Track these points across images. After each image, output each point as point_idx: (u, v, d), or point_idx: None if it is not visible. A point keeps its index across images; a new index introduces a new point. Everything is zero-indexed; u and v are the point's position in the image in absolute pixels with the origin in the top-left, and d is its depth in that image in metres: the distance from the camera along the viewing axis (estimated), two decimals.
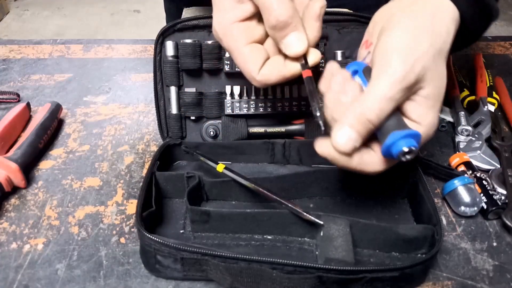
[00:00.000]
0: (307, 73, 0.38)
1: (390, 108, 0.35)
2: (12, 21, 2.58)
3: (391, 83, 0.34)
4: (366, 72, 0.38)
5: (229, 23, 0.38)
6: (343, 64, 0.51)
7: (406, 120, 0.37)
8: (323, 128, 0.37)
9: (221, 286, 0.41)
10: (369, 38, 0.40)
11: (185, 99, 0.52)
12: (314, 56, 0.39)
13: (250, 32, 0.39)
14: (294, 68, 0.39)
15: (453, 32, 0.37)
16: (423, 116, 0.36)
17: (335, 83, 0.38)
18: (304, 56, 0.38)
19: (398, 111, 0.36)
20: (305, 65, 0.38)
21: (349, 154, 0.36)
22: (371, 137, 0.37)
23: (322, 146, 0.37)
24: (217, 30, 0.39)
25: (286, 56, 0.39)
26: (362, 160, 0.37)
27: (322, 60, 0.51)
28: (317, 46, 0.51)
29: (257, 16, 0.39)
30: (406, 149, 0.34)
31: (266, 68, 0.39)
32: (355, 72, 0.39)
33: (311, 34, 0.38)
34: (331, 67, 0.39)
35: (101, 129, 0.59)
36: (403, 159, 0.35)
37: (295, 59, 0.38)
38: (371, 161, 0.37)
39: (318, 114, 0.37)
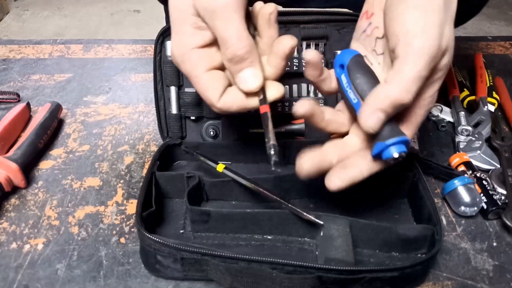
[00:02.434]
0: (264, 109, 0.38)
1: (419, 86, 0.33)
2: (12, 21, 2.58)
3: (422, 62, 0.32)
4: (355, 65, 0.37)
5: (188, 49, 0.37)
6: None
7: None
8: (273, 168, 0.36)
9: (221, 286, 0.41)
10: (369, 9, 0.39)
11: (185, 99, 0.52)
12: (275, 91, 0.38)
13: (210, 59, 0.38)
14: (255, 101, 0.38)
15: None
16: (428, 89, 0.35)
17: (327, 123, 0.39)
18: (263, 91, 0.38)
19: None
20: (263, 100, 0.38)
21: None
22: None
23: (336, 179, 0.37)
24: (176, 55, 0.38)
25: None
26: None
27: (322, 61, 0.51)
28: (317, 46, 0.52)
29: (217, 43, 0.38)
30: (396, 155, 0.34)
31: (228, 96, 0.38)
32: (341, 67, 0.38)
33: (274, 71, 0.38)
34: (313, 58, 0.37)
35: (101, 129, 0.59)
36: (392, 162, 0.35)
37: (253, 93, 0.38)
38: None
39: (272, 152, 0.36)
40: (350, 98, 0.38)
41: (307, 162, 0.37)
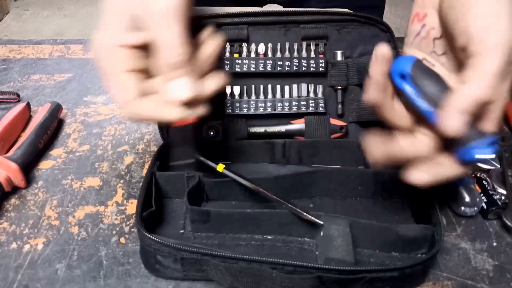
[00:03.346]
0: (188, 121, 0.38)
1: (500, 81, 0.33)
2: (12, 21, 2.58)
3: (501, 56, 0.32)
4: (419, 72, 0.36)
5: (115, 45, 0.36)
6: (343, 64, 0.52)
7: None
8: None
9: (221, 286, 0.41)
10: (420, 11, 0.38)
11: None
12: (214, 83, 0.38)
13: (134, 61, 0.36)
14: (171, 112, 0.36)
15: None
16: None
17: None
18: (190, 104, 0.37)
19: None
20: (187, 112, 0.37)
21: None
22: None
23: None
24: (98, 49, 0.37)
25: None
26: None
27: (322, 61, 0.51)
28: (317, 46, 0.52)
29: (146, 47, 0.36)
30: (488, 156, 0.34)
31: (141, 102, 0.36)
32: (402, 77, 0.37)
33: (207, 88, 0.38)
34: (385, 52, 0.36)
35: (101, 129, 0.59)
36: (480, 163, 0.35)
37: (179, 104, 0.36)
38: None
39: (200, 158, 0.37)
40: (421, 107, 0.36)
41: (380, 150, 0.37)
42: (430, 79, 0.36)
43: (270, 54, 0.52)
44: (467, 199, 0.46)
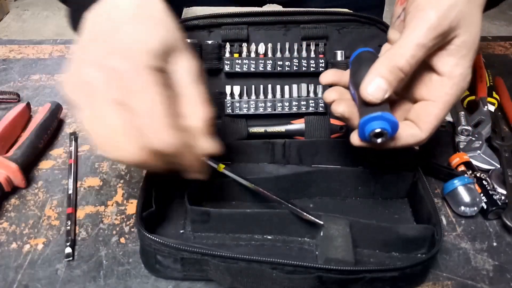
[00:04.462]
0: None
1: (421, 55, 0.34)
2: (12, 21, 2.58)
3: (424, 29, 0.34)
4: (356, 60, 0.39)
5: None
6: (343, 64, 0.52)
7: (435, 77, 0.37)
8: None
9: (221, 286, 0.41)
10: None
11: None
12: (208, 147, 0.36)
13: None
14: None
15: None
16: (454, 66, 0.36)
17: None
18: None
19: (387, 103, 0.37)
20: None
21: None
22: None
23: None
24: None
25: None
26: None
27: (322, 61, 0.51)
28: (317, 46, 0.52)
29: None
30: (377, 130, 0.34)
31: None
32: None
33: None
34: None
35: None
36: (374, 140, 0.35)
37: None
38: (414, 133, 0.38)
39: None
40: (350, 91, 0.39)
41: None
42: (363, 66, 0.38)
43: (270, 54, 0.52)
44: (467, 199, 0.46)
